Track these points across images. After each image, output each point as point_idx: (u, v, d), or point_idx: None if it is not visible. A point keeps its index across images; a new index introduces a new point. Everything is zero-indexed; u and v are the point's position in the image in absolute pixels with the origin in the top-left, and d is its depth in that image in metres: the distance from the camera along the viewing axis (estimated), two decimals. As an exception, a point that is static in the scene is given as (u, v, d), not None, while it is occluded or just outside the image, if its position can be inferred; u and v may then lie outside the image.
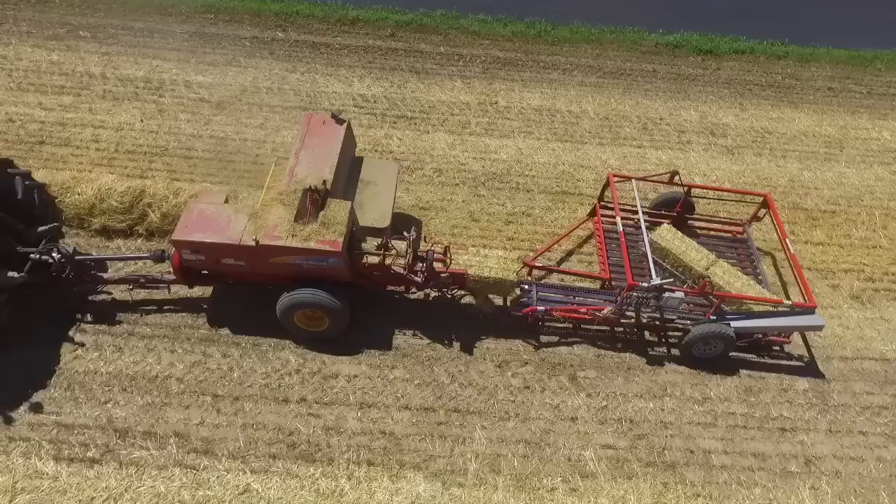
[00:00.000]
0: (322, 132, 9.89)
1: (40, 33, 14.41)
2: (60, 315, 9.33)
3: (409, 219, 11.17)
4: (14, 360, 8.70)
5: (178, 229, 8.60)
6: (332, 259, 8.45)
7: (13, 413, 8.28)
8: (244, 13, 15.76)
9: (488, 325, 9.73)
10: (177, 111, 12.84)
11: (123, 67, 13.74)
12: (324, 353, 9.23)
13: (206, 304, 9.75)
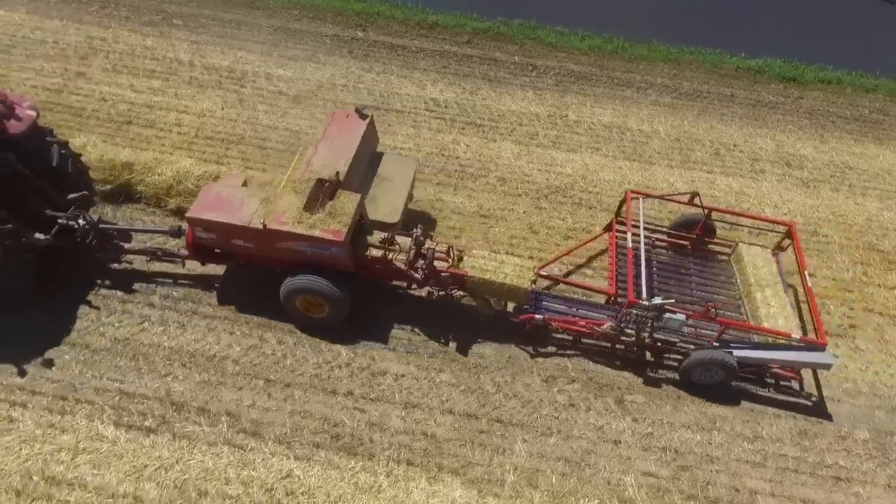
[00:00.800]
0: (344, 126, 10.17)
1: (137, 19, 15.22)
2: (126, 286, 9.86)
3: (426, 217, 11.27)
4: (78, 325, 9.27)
5: (194, 208, 9.05)
6: (334, 248, 8.68)
7: (77, 376, 8.81)
8: (327, 11, 16.21)
9: (495, 328, 9.74)
10: (256, 102, 13.33)
11: (210, 56, 14.36)
12: (374, 350, 9.42)
13: (217, 283, 10.11)
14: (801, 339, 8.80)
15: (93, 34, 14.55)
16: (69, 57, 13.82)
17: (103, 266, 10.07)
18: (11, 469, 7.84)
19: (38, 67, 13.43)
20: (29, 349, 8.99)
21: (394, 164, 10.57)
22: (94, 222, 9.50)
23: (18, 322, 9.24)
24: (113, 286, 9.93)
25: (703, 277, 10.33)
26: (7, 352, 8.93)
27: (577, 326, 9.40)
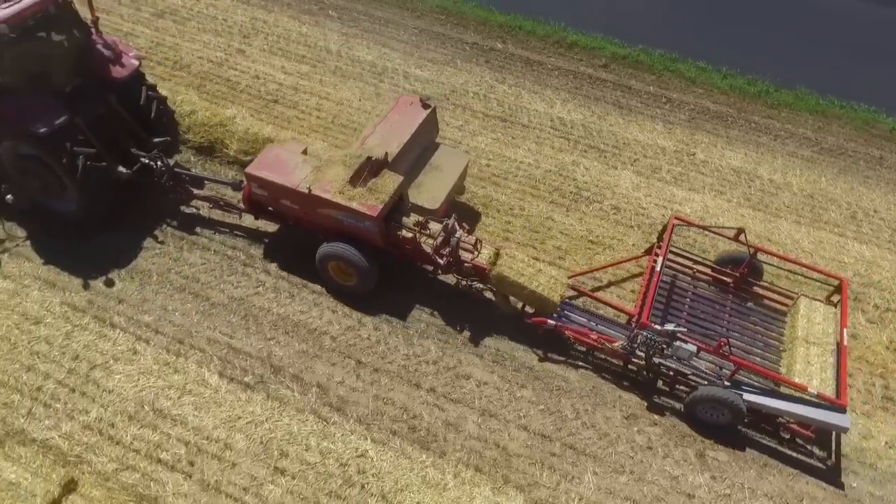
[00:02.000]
0: (405, 112, 10.78)
1: (298, 6, 16.36)
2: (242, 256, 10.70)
3: (473, 212, 11.49)
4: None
5: (252, 165, 9.94)
6: (367, 222, 9.26)
7: (195, 325, 9.70)
8: (471, 19, 16.67)
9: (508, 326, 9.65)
10: (390, 98, 13.97)
11: (357, 49, 15.20)
12: (462, 353, 9.70)
13: (267, 238, 10.94)
14: (818, 394, 8.31)
15: (257, 16, 15.80)
16: (234, 34, 15.10)
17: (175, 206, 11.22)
18: (128, 395, 8.78)
19: (206, 41, 14.78)
20: (158, 294, 10.01)
21: (447, 155, 11.01)
22: (171, 166, 10.54)
23: (154, 267, 10.30)
24: (179, 226, 11.02)
25: (740, 318, 9.97)
26: (138, 293, 9.99)
27: (589, 339, 9.38)
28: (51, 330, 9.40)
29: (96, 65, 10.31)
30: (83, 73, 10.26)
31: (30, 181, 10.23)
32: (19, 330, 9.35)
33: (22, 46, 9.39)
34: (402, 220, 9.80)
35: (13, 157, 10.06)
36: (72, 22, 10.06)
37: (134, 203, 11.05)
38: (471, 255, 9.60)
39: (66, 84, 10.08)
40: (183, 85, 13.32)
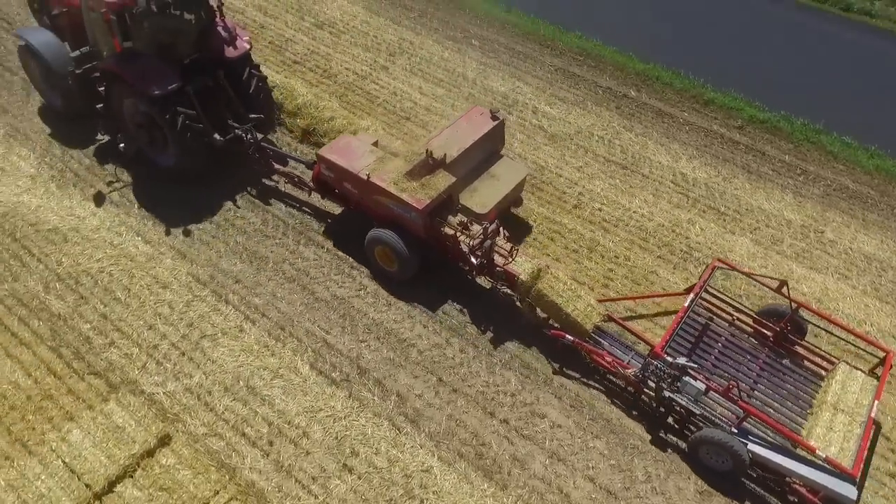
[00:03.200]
0: (474, 121, 11.40)
1: (444, 32, 17.15)
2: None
3: (525, 225, 11.98)
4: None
5: (325, 148, 10.98)
6: (413, 213, 9.96)
7: (297, 314, 10.38)
8: (609, 64, 16.73)
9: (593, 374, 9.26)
10: (516, 130, 14.31)
11: (492, 79, 15.70)
12: (542, 390, 9.72)
13: (330, 219, 11.91)
14: (826, 458, 7.85)
15: (405, 37, 16.73)
16: (381, 51, 16.07)
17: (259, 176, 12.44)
18: (228, 368, 9.55)
19: (355, 54, 15.84)
20: (270, 281, 10.82)
21: (506, 167, 11.48)
22: (258, 140, 11.71)
23: (272, 255, 11.15)
24: (257, 195, 12.20)
25: (772, 372, 9.59)
26: (254, 276, 10.84)
27: (604, 361, 9.49)
28: (175, 296, 10.41)
29: (214, 43, 11.72)
30: (201, 49, 11.70)
31: (141, 135, 11.80)
32: (149, 291, 10.43)
33: (158, 19, 10.86)
34: (447, 218, 10.38)
35: (132, 113, 11.67)
36: (202, 4, 11.42)
37: (270, 194, 12.05)
38: (504, 260, 10.05)
39: (185, 56, 11.55)
40: (328, 92, 14.36)
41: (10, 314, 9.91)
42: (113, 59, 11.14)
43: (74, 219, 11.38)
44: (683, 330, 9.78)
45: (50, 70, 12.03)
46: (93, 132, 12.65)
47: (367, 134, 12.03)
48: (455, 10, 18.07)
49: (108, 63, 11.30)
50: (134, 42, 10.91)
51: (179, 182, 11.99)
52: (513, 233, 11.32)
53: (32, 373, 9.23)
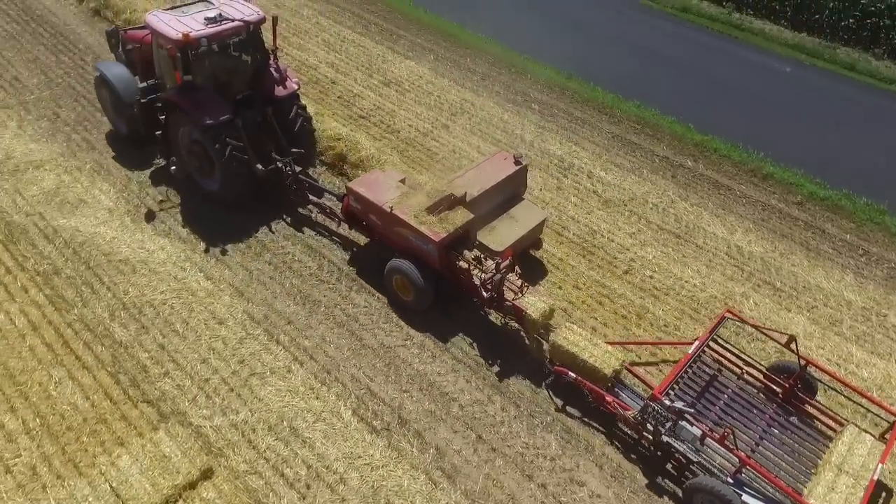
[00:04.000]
0: (497, 164, 12.09)
1: (505, 95, 17.70)
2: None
3: (540, 266, 12.25)
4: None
5: (355, 181, 11.79)
6: (430, 245, 10.48)
7: (344, 360, 10.57)
8: (667, 133, 16.87)
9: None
10: (570, 193, 14.50)
11: (549, 142, 16.03)
12: (582, 456, 9.55)
13: (355, 248, 12.59)
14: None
15: (467, 98, 17.34)
16: (443, 110, 16.68)
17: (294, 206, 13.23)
18: (273, 408, 9.76)
19: (418, 112, 16.48)
20: (321, 324, 11.11)
21: (526, 209, 12.07)
22: (297, 173, 12.61)
23: (325, 299, 11.48)
24: (294, 224, 12.98)
25: (779, 429, 9.52)
26: (305, 318, 11.15)
27: (605, 401, 9.56)
28: (229, 332, 10.79)
29: (265, 82, 12.79)
30: (254, 86, 12.84)
31: (192, 161, 12.80)
32: (206, 326, 10.85)
33: (217, 58, 12.14)
34: (463, 253, 10.85)
35: (186, 140, 12.67)
36: (258, 47, 12.69)
37: (327, 243, 12.50)
38: (514, 295, 10.43)
39: (239, 92, 12.67)
40: (390, 147, 14.95)
41: (77, 338, 10.45)
42: (174, 91, 12.24)
43: (144, 252, 12.03)
44: (690, 378, 9.87)
45: (119, 99, 13.37)
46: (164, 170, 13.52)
47: (395, 171, 12.87)
48: (517, 75, 18.66)
49: (169, 94, 12.43)
50: (193, 76, 11.99)
51: (222, 205, 12.95)
52: (543, 280, 11.49)
53: (91, 396, 9.66)
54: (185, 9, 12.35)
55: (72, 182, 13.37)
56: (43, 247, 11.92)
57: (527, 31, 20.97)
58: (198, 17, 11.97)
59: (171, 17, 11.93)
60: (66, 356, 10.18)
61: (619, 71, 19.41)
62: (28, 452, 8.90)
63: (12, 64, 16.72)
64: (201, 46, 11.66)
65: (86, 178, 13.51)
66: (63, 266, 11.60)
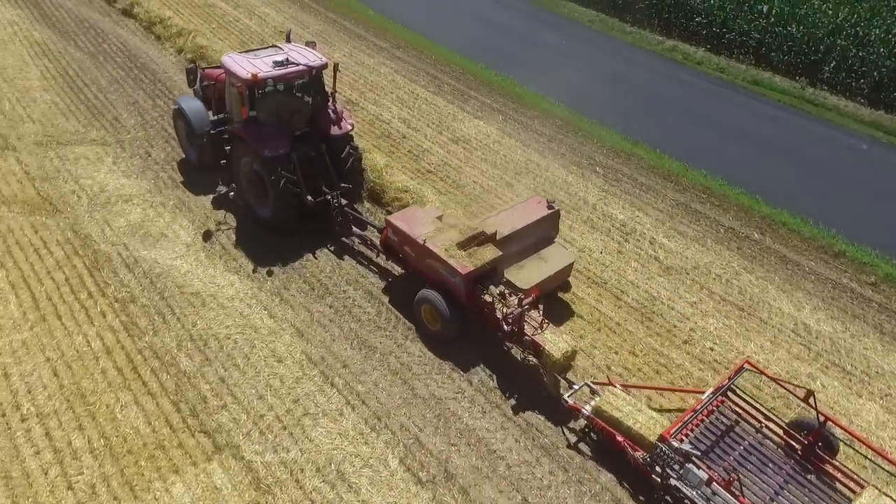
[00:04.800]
0: (530, 207, 12.77)
1: (570, 157, 17.95)
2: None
3: (565, 308, 12.34)
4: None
5: (394, 215, 12.64)
6: (457, 278, 11.03)
7: (395, 407, 10.66)
8: (734, 204, 16.67)
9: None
10: (630, 258, 14.43)
11: (612, 206, 16.10)
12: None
13: (390, 278, 13.22)
14: None
15: (532, 158, 17.68)
16: (508, 169, 17.03)
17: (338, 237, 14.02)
18: (323, 450, 9.90)
19: (483, 170, 16.89)
20: (375, 370, 11.29)
21: (556, 251, 12.62)
22: (342, 206, 13.55)
23: (381, 346, 11.69)
24: (335, 252, 13.79)
25: (795, 486, 9.22)
26: (360, 363, 11.37)
27: (616, 439, 9.62)
28: (287, 371, 11.10)
29: (322, 121, 13.83)
30: (312, 124, 13.88)
31: (250, 189, 13.94)
32: (265, 363, 11.20)
33: (281, 98, 13.36)
34: (489, 287, 11.32)
35: (247, 169, 13.75)
36: (318, 89, 13.88)
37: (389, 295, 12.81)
38: (533, 330, 10.80)
39: (298, 129, 13.68)
40: (454, 202, 15.33)
41: (145, 364, 10.96)
42: (240, 124, 13.50)
43: (214, 286, 12.62)
44: (707, 427, 9.83)
45: (192, 129, 14.70)
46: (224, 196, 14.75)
47: (434, 207, 13.52)
48: (583, 139, 18.93)
49: (235, 127, 13.72)
50: (258, 112, 13.17)
51: (273, 231, 13.91)
52: (569, 321, 11.34)
53: (152, 422, 10.06)
54: (258, 52, 13.79)
55: (156, 216, 14.27)
56: (123, 275, 12.68)
57: (595, 97, 21.34)
58: (267, 60, 13.25)
59: (243, 59, 13.28)
60: (134, 381, 10.68)
61: (686, 140, 19.42)
62: (90, 471, 9.30)
63: (114, 105, 18.18)
64: (267, 86, 12.92)
65: (168, 214, 14.38)
66: (139, 295, 12.28)
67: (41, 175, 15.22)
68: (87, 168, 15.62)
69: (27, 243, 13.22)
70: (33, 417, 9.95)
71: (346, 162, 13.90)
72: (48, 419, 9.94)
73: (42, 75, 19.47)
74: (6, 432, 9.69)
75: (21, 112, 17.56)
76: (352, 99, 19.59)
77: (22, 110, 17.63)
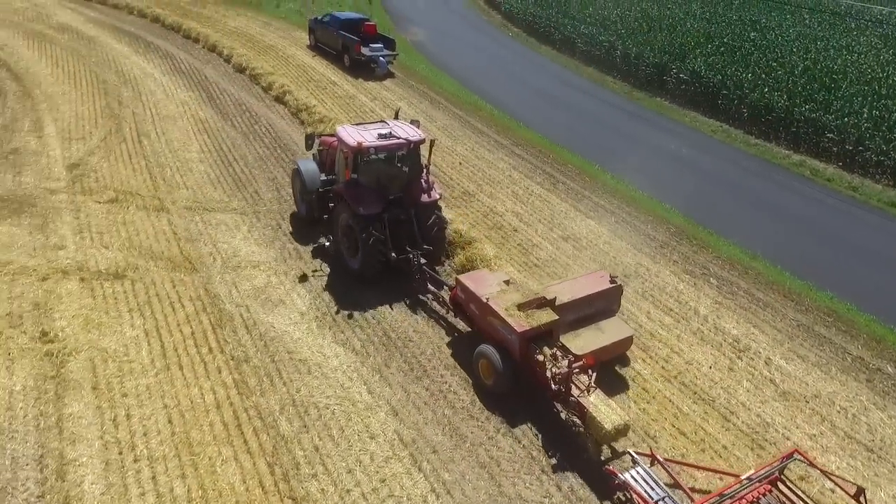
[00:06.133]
0: (593, 280, 13.61)
1: (683, 265, 17.55)
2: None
3: (665, 422, 11.07)
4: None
5: (464, 275, 13.77)
6: (513, 335, 11.89)
7: (477, 502, 10.48)
8: (863, 332, 15.42)
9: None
10: (742, 377, 13.62)
11: (725, 320, 15.42)
12: None
13: (456, 333, 14.12)
14: None
15: (642, 262, 17.46)
16: (616, 270, 16.83)
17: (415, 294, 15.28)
18: None
19: (591, 268, 16.81)
20: (464, 460, 11.19)
21: (614, 324, 13.16)
22: (421, 265, 14.85)
23: (472, 436, 11.63)
24: (410, 306, 14.97)
25: None
26: (449, 451, 11.31)
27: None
28: (378, 448, 11.26)
29: (415, 189, 15.48)
30: (405, 191, 15.52)
31: (343, 242, 15.70)
32: (358, 437, 11.44)
33: (381, 166, 15.12)
34: (543, 348, 11.93)
35: (343, 224, 15.48)
36: (415, 161, 15.58)
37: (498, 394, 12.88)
38: (579, 392, 11.27)
39: (392, 193, 15.37)
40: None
41: (249, 423, 11.53)
42: (343, 185, 15.39)
43: (321, 356, 13.22)
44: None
45: (305, 187, 16.94)
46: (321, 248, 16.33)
47: (503, 272, 14.56)
48: (698, 248, 18.50)
49: (339, 187, 15.65)
50: (360, 176, 15.04)
51: (359, 281, 15.41)
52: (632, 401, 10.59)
53: (247, 481, 10.47)
54: (367, 126, 15.89)
55: (277, 284, 15.35)
56: (242, 335, 13.61)
57: (714, 206, 20.95)
58: (373, 132, 15.30)
59: (354, 130, 15.42)
60: (237, 438, 11.23)
61: (811, 258, 18.45)
62: (186, 520, 9.76)
63: (256, 180, 20.10)
64: (370, 154, 14.81)
65: (289, 283, 15.43)
66: (253, 355, 13.09)
67: (186, 236, 16.92)
68: (226, 234, 17.21)
69: (165, 296, 14.60)
70: (144, 459, 10.67)
71: (432, 227, 15.42)
72: (157, 463, 10.61)
73: (200, 148, 21.98)
74: (120, 470, 10.44)
75: (179, 179, 19.81)
76: (468, 190, 20.46)
77: (180, 178, 19.89)
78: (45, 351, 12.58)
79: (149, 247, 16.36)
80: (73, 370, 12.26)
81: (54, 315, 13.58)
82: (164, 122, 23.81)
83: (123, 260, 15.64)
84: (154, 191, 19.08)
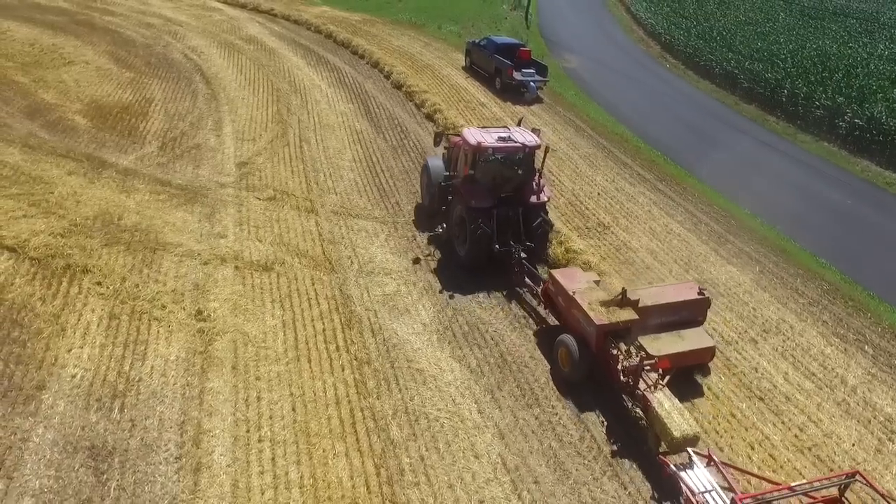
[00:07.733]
0: (681, 289, 14.10)
1: (832, 327, 15.99)
2: None
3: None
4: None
5: (557, 270, 14.87)
6: (591, 327, 12.76)
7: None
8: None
9: None
10: (892, 463, 12.20)
11: (878, 395, 13.88)
12: None
13: (544, 325, 15.45)
14: None
15: (786, 318, 16.18)
16: (755, 324, 15.77)
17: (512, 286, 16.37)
18: None
19: (727, 318, 15.89)
20: (566, 496, 11.00)
21: (696, 334, 13.44)
22: (521, 259, 15.98)
23: (576, 474, 11.41)
24: (506, 297, 16.18)
25: None
26: (552, 486, 11.16)
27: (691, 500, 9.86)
28: (480, 468, 11.39)
29: (525, 190, 16.71)
30: (516, 191, 16.74)
31: (454, 230, 17.34)
32: (462, 454, 11.63)
33: (497, 166, 16.56)
34: (619, 344, 12.67)
35: (457, 215, 17.10)
36: (529, 164, 16.91)
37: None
38: (646, 386, 11.82)
39: (504, 192, 16.64)
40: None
41: (363, 423, 12.13)
42: (459, 180, 17.19)
43: (437, 368, 13.62)
44: None
45: (430, 180, 18.84)
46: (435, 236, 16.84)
47: (594, 272, 15.59)
48: (853, 311, 16.83)
49: (457, 181, 17.39)
50: (476, 173, 16.56)
51: (464, 268, 16.85)
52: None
53: (354, 478, 11.01)
54: (490, 129, 17.44)
55: (406, 293, 16.02)
56: (367, 338, 14.36)
57: (878, 266, 18.96)
58: (494, 135, 16.71)
59: (477, 132, 16.99)
60: (350, 435, 11.86)
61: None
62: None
63: (398, 191, 21.13)
64: (488, 154, 16.23)
65: (416, 293, 16.05)
66: (375, 359, 13.76)
67: (329, 238, 18.15)
68: (365, 240, 18.25)
69: (304, 292, 15.75)
70: (267, 441, 11.57)
71: (537, 227, 16.58)
72: (277, 446, 11.47)
73: (353, 158, 23.49)
74: (245, 447, 11.41)
75: (330, 185, 21.31)
76: (604, 222, 20.12)
77: (332, 184, 21.39)
78: (198, 328, 14.04)
79: (296, 244, 17.73)
80: (218, 349, 13.58)
81: (209, 297, 15.12)
82: (324, 131, 25.69)
83: (273, 254, 17.07)
84: (307, 193, 20.65)
